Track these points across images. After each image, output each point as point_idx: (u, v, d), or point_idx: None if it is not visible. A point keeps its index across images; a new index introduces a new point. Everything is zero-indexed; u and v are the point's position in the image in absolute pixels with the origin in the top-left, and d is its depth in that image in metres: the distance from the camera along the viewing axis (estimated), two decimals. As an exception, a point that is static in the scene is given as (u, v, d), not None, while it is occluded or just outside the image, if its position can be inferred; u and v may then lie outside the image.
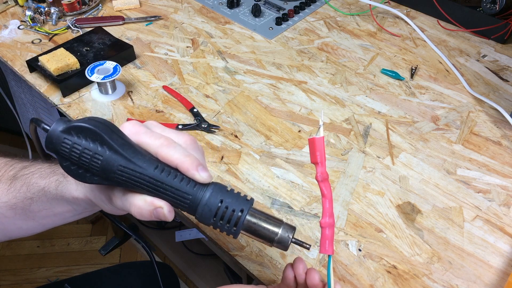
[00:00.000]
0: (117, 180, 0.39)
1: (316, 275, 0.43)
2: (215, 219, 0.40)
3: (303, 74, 0.86)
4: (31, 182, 0.47)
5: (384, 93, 0.82)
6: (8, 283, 1.44)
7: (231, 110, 0.78)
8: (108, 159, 0.39)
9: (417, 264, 0.57)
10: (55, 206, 0.48)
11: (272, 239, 0.42)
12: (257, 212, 0.42)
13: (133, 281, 0.89)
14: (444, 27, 0.98)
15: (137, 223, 1.42)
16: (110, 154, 0.39)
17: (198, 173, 0.39)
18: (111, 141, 0.39)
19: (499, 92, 0.82)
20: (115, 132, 0.40)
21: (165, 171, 0.40)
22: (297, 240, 0.42)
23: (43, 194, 0.47)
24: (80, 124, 0.39)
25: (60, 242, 1.55)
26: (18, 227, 0.50)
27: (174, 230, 1.35)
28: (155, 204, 0.39)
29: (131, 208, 0.40)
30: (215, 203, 0.40)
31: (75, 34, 0.95)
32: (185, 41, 0.93)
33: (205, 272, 1.33)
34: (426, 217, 0.63)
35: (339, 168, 0.69)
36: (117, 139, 0.39)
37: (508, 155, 0.71)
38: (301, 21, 1.01)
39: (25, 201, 0.48)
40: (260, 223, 0.42)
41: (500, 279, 0.56)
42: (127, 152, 0.39)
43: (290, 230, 0.42)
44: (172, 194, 0.40)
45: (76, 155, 0.39)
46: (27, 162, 0.50)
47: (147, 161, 0.39)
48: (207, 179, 0.40)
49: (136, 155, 0.39)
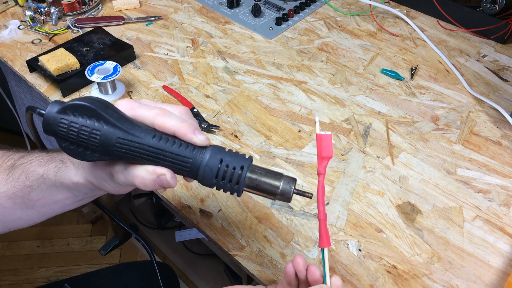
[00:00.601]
0: (117, 153, 0.40)
1: (317, 271, 0.44)
2: (217, 179, 0.41)
3: (303, 74, 0.86)
4: (29, 170, 0.47)
5: (384, 93, 0.82)
6: (8, 283, 1.44)
7: (231, 110, 0.78)
8: (106, 133, 0.39)
9: (417, 264, 0.57)
10: (54, 193, 0.47)
11: (275, 192, 0.42)
12: (257, 168, 0.42)
13: (133, 281, 0.89)
14: (444, 27, 0.98)
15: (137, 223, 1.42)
16: (107, 128, 0.39)
17: (195, 136, 0.40)
18: (107, 115, 0.39)
19: (499, 92, 0.82)
20: (110, 107, 0.40)
21: (163, 139, 0.40)
22: (299, 191, 0.43)
23: (42, 181, 0.47)
24: (74, 103, 0.40)
25: (60, 242, 1.55)
26: (17, 217, 0.50)
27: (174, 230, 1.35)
28: (157, 172, 0.40)
29: (134, 180, 0.41)
30: (215, 163, 0.41)
31: (75, 34, 0.95)
32: (185, 41, 0.93)
33: (205, 272, 1.33)
34: (426, 217, 0.63)
35: (339, 168, 0.69)
36: (113, 113, 0.40)
37: (508, 155, 0.71)
38: (301, 21, 1.01)
39: (24, 190, 0.47)
40: (261, 178, 0.42)
41: (500, 279, 0.56)
42: (124, 125, 0.40)
43: (291, 181, 0.42)
44: (172, 160, 0.40)
45: (74, 133, 0.39)
46: (24, 152, 0.50)
47: (144, 131, 0.40)
48: (205, 141, 0.41)
49: (133, 126, 0.40)
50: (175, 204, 0.64)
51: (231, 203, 0.64)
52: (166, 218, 1.44)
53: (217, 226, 0.61)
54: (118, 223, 0.72)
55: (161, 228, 1.44)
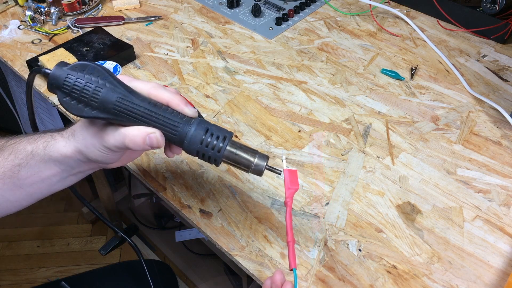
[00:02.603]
0: (114, 112, 0.44)
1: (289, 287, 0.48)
2: (201, 145, 0.46)
3: (303, 74, 0.86)
4: (18, 148, 0.49)
5: (384, 93, 0.82)
6: (8, 283, 1.44)
7: (231, 110, 0.78)
8: (108, 91, 0.43)
9: (417, 264, 0.57)
10: (42, 169, 0.49)
11: (249, 165, 0.48)
12: (236, 143, 0.48)
13: (129, 281, 0.89)
14: (444, 27, 0.98)
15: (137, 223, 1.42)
16: (110, 87, 0.43)
17: (187, 107, 0.46)
18: (111, 77, 0.44)
19: (499, 92, 0.82)
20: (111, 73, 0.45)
21: (158, 105, 0.45)
22: (270, 167, 0.49)
23: (31, 157, 0.48)
24: (83, 62, 0.44)
25: (60, 242, 1.55)
26: (5, 200, 0.50)
27: (174, 230, 1.35)
28: (147, 130, 0.44)
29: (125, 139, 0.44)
30: (202, 131, 0.46)
31: (75, 34, 0.95)
32: (185, 41, 0.93)
33: (205, 272, 1.33)
34: (426, 217, 0.63)
35: (339, 168, 0.69)
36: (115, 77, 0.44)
37: (508, 155, 0.71)
38: (301, 21, 1.01)
39: (13, 169, 0.48)
40: (239, 151, 0.48)
41: (500, 279, 0.56)
42: (124, 88, 0.44)
43: (264, 158, 0.48)
44: (164, 123, 0.45)
45: (78, 88, 0.43)
46: (14, 135, 0.52)
47: (141, 96, 0.45)
48: (195, 113, 0.46)
49: (132, 91, 0.45)
50: (175, 204, 0.64)
51: (231, 203, 0.64)
52: (166, 218, 1.44)
53: (217, 226, 0.61)
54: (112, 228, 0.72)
55: (161, 228, 1.44)
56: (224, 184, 0.67)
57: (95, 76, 0.43)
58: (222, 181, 0.67)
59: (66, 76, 0.43)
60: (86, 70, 0.43)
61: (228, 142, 0.47)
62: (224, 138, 0.46)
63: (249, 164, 0.48)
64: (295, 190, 0.49)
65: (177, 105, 0.45)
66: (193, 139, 0.45)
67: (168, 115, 0.45)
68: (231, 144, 0.47)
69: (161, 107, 0.45)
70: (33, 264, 1.49)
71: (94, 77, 0.43)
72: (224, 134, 0.47)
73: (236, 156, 0.47)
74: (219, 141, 0.46)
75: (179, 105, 0.45)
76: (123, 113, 0.44)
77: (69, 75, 0.43)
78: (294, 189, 0.49)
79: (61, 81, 0.43)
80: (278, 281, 0.48)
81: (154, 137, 0.44)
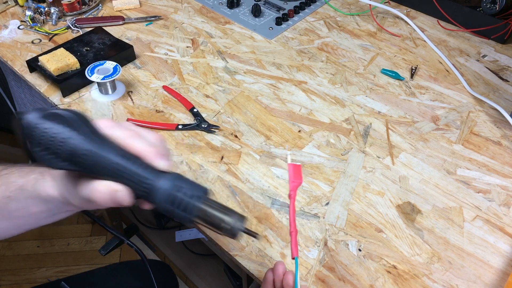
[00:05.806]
0: (83, 165, 0.41)
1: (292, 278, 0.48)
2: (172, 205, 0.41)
3: (303, 74, 0.86)
4: (10, 180, 0.48)
5: (384, 93, 0.82)
6: (8, 283, 1.44)
7: (231, 110, 0.78)
8: (76, 143, 0.41)
9: (417, 264, 0.57)
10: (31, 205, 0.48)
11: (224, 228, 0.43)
12: (211, 201, 0.43)
13: (129, 281, 0.89)
14: (444, 27, 0.98)
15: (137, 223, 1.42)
16: (78, 138, 0.41)
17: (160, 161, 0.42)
18: (80, 128, 0.41)
19: (499, 92, 0.82)
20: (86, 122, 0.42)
21: (127, 158, 0.42)
22: (247, 230, 0.44)
23: (21, 192, 0.47)
24: (53, 111, 0.41)
25: (60, 242, 1.55)
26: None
27: (174, 230, 1.35)
28: (115, 188, 0.41)
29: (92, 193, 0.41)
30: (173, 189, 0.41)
31: (75, 34, 0.95)
32: (185, 41, 0.93)
33: (205, 272, 1.33)
34: (426, 217, 0.63)
35: (339, 168, 0.69)
36: (87, 127, 0.42)
37: (508, 155, 0.71)
38: (301, 21, 1.01)
39: (3, 200, 0.48)
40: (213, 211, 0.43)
41: (500, 279, 0.56)
42: (94, 139, 0.41)
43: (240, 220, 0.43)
44: (131, 179, 0.41)
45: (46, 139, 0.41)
46: (8, 164, 0.51)
47: (111, 148, 0.42)
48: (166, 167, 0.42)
49: (102, 142, 0.42)
50: (175, 204, 0.64)
51: (231, 203, 0.64)
52: (166, 218, 1.44)
53: (217, 226, 0.61)
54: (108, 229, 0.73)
55: (161, 228, 1.44)
56: (224, 184, 0.67)
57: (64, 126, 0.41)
58: (222, 181, 0.67)
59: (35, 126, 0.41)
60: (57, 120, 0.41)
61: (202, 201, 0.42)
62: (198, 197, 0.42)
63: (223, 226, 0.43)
64: (298, 183, 0.49)
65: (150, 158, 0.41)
66: (163, 197, 0.41)
67: (139, 170, 0.41)
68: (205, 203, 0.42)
69: (134, 160, 0.41)
70: (33, 264, 1.49)
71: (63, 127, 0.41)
72: (198, 192, 0.42)
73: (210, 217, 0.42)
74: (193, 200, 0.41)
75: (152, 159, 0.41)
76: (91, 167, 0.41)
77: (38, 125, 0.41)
78: (298, 183, 0.49)
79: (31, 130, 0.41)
80: (280, 271, 0.48)
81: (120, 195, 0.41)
